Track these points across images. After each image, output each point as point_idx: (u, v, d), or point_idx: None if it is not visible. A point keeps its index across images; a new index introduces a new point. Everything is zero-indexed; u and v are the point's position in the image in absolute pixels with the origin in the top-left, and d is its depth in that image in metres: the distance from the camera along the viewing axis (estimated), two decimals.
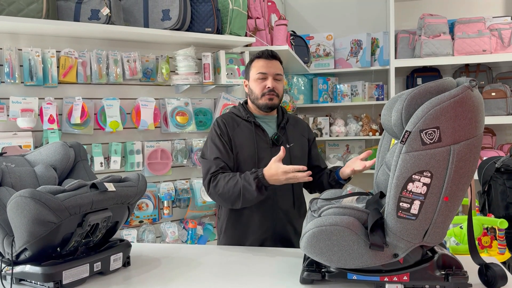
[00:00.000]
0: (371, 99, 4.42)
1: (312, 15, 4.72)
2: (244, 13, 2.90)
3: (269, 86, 1.88)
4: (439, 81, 1.14)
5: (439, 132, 1.07)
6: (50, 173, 1.51)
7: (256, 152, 1.85)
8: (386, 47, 4.22)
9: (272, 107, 1.92)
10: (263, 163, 1.82)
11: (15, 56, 2.25)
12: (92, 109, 2.49)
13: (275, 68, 1.92)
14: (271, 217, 1.87)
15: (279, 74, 1.92)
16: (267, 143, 1.89)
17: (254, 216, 1.86)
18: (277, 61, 1.94)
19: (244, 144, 1.87)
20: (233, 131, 1.89)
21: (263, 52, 1.94)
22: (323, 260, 1.20)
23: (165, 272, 1.45)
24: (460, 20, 3.97)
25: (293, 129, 1.99)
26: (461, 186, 1.11)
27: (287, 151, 1.89)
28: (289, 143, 1.93)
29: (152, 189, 2.68)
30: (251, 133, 1.89)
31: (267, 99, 1.89)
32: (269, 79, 1.89)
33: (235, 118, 1.94)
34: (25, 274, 1.27)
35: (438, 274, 1.19)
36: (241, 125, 1.91)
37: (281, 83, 1.94)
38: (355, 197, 1.41)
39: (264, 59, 1.92)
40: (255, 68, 1.93)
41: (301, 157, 1.96)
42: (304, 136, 2.02)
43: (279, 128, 1.94)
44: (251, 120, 1.91)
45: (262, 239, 1.87)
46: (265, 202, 1.84)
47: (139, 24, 2.58)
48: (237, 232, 1.90)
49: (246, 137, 1.88)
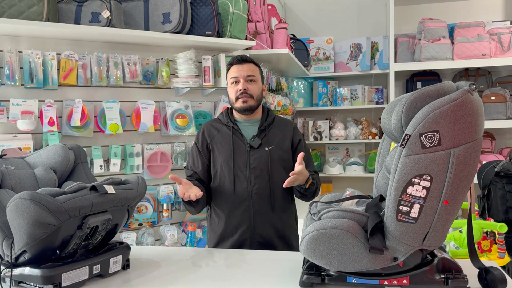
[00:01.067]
0: (371, 102, 4.43)
1: (312, 18, 4.74)
2: (244, 16, 2.91)
3: (240, 88, 1.94)
4: (439, 84, 1.14)
5: (439, 136, 1.07)
6: (50, 175, 1.51)
7: (232, 156, 1.93)
8: (386, 51, 4.23)
9: (248, 109, 1.96)
10: (239, 166, 1.92)
11: (15, 59, 2.25)
12: (92, 112, 2.49)
13: (246, 70, 1.96)
14: (248, 219, 1.91)
15: (251, 75, 1.96)
16: (245, 146, 1.94)
17: (232, 218, 1.93)
18: (249, 63, 1.99)
19: (222, 149, 1.96)
20: (212, 138, 2.00)
21: (234, 58, 2.01)
22: (322, 264, 1.20)
23: (164, 275, 1.45)
24: (459, 24, 3.98)
25: (277, 131, 2.00)
26: (461, 190, 1.11)
27: (266, 154, 1.93)
28: (269, 145, 1.95)
29: (152, 192, 2.67)
30: (229, 137, 1.97)
31: (241, 101, 1.95)
32: (240, 82, 1.95)
33: (216, 125, 2.03)
34: (24, 277, 1.26)
35: (437, 278, 1.19)
36: (221, 131, 2.00)
37: (255, 84, 1.97)
38: (355, 201, 1.41)
39: (235, 64, 1.99)
40: (229, 74, 2.01)
41: (282, 159, 1.97)
42: (287, 138, 2.01)
43: (259, 131, 1.97)
44: (230, 125, 1.98)
45: (240, 241, 1.92)
46: (241, 204, 1.92)
47: (139, 27, 2.58)
48: (216, 234, 1.97)
49: (225, 142, 1.97)
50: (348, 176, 4.42)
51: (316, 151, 4.63)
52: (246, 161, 1.92)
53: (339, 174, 4.37)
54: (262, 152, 1.94)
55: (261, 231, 1.92)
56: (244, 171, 1.92)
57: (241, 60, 1.98)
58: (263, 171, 1.92)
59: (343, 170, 4.43)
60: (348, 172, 4.40)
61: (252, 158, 1.93)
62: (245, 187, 1.91)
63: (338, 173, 4.35)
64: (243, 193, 1.91)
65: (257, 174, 1.91)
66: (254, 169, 1.92)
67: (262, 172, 1.92)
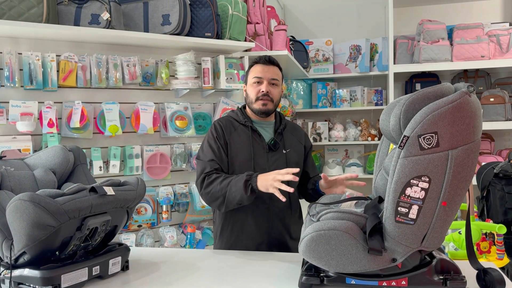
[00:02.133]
0: (370, 104, 4.43)
1: (311, 20, 4.74)
2: (243, 18, 2.92)
3: (263, 90, 1.89)
4: (437, 86, 1.15)
5: (437, 137, 1.08)
6: (50, 176, 1.51)
7: (252, 157, 1.86)
8: (385, 53, 4.24)
9: (266, 112, 1.92)
10: (259, 168, 1.84)
11: (15, 60, 2.26)
12: (92, 113, 2.50)
13: (271, 73, 1.92)
14: (267, 221, 1.87)
15: (275, 79, 1.92)
16: (264, 148, 1.89)
17: (249, 220, 1.86)
18: (274, 66, 1.95)
19: (241, 149, 1.88)
20: (229, 135, 1.90)
21: (260, 57, 1.95)
22: (321, 265, 1.20)
23: (163, 276, 1.45)
24: (458, 26, 3.99)
25: (291, 135, 1.99)
26: (459, 191, 1.11)
27: (283, 157, 1.90)
28: (285, 148, 1.93)
29: (151, 193, 2.68)
30: (248, 137, 1.89)
31: (261, 104, 1.89)
32: (264, 83, 1.90)
33: (232, 122, 1.95)
34: (24, 278, 1.26)
35: (436, 279, 1.19)
36: (238, 129, 1.92)
37: (277, 88, 1.94)
38: (354, 202, 1.41)
39: (261, 64, 1.93)
40: (252, 72, 1.94)
41: (297, 163, 1.96)
42: (301, 143, 2.02)
43: (276, 133, 1.95)
44: (248, 125, 1.91)
45: (258, 243, 1.87)
46: (260, 206, 1.85)
47: (139, 28, 2.59)
48: (232, 236, 1.90)
49: (242, 142, 1.89)
50: None
51: (315, 153, 4.63)
52: (266, 163, 1.87)
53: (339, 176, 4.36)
54: (280, 154, 1.91)
55: (277, 234, 1.88)
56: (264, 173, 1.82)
57: (268, 61, 1.93)
58: None
59: (342, 171, 4.43)
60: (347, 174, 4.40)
61: (272, 160, 1.88)
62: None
63: (338, 174, 4.35)
64: (262, 195, 1.78)
65: None
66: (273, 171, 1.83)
67: None
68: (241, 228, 1.88)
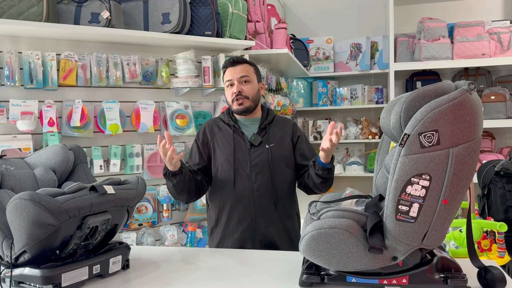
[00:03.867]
0: (371, 102, 4.43)
1: (311, 18, 4.74)
2: (244, 16, 2.91)
3: (234, 91, 1.95)
4: (438, 84, 1.15)
5: (438, 135, 1.07)
6: (50, 175, 1.51)
7: (233, 154, 1.94)
8: (385, 51, 4.24)
9: (245, 111, 1.97)
10: (240, 164, 1.93)
11: (15, 59, 2.26)
12: (92, 112, 2.49)
13: (239, 72, 1.96)
14: (249, 216, 1.91)
15: (245, 76, 1.96)
16: (246, 144, 1.95)
17: (234, 216, 1.93)
18: (242, 64, 1.99)
19: (223, 147, 1.97)
20: (213, 135, 2.01)
21: (226, 61, 2.01)
22: (322, 263, 1.20)
23: (164, 275, 1.45)
24: (459, 24, 3.98)
25: (277, 130, 2.01)
26: (460, 189, 1.11)
27: (267, 151, 1.94)
28: (269, 143, 1.96)
29: (152, 192, 2.67)
30: (230, 136, 1.98)
31: (237, 104, 1.95)
32: (235, 84, 1.96)
33: (218, 123, 2.04)
34: (24, 277, 1.26)
35: (437, 277, 1.19)
36: (222, 129, 2.01)
37: (249, 84, 1.97)
38: (354, 200, 1.41)
39: (229, 67, 2.00)
40: (224, 77, 2.02)
41: (283, 157, 1.97)
42: (287, 136, 2.02)
43: (260, 129, 1.99)
44: (231, 124, 1.99)
45: (242, 239, 1.91)
46: (242, 202, 1.91)
47: (139, 27, 2.58)
48: (218, 232, 1.97)
49: (226, 140, 1.98)
50: (348, 176, 4.42)
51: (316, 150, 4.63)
52: (247, 159, 1.93)
53: (339, 174, 4.37)
54: (263, 149, 1.94)
55: (263, 229, 1.91)
56: (245, 169, 1.92)
57: (234, 62, 1.98)
58: (264, 169, 1.92)
59: (343, 170, 4.43)
60: (348, 172, 4.40)
61: (253, 156, 1.93)
62: (246, 184, 1.91)
63: (338, 173, 4.35)
64: (243, 190, 1.91)
65: (258, 171, 1.92)
66: (255, 166, 1.92)
67: (263, 170, 1.92)
68: (226, 224, 1.94)
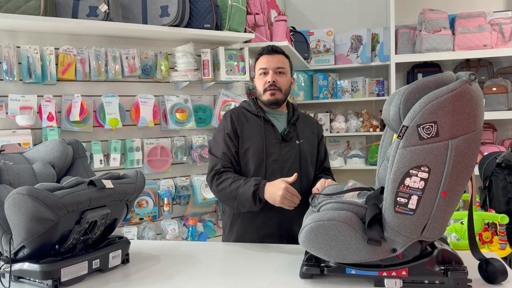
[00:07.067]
0: (372, 95, 4.41)
1: (312, 10, 4.70)
2: (243, 9, 2.89)
3: (268, 80, 1.87)
4: (438, 75, 1.13)
5: (437, 127, 1.06)
6: (49, 170, 1.50)
7: (264, 147, 1.84)
8: (386, 43, 4.21)
9: (275, 103, 1.89)
10: (271, 158, 1.84)
11: (13, 54, 2.25)
12: (91, 107, 2.49)
13: (276, 62, 1.89)
14: (277, 213, 1.82)
15: (281, 67, 1.90)
16: (277, 138, 1.87)
17: (260, 212, 1.82)
18: (279, 54, 1.92)
19: (253, 139, 1.85)
20: (241, 126, 1.88)
21: (264, 48, 1.94)
22: (321, 255, 1.20)
23: (164, 269, 1.45)
24: (460, 15, 3.95)
25: (303, 126, 1.97)
26: (460, 181, 1.10)
27: (297, 147, 1.88)
28: (299, 139, 1.91)
29: (152, 186, 2.67)
30: (260, 128, 1.87)
31: (269, 94, 1.87)
32: (269, 73, 1.88)
33: (245, 113, 1.93)
34: (24, 272, 1.27)
35: (437, 270, 1.19)
36: (250, 120, 1.90)
37: (284, 77, 1.91)
38: (356, 193, 1.40)
39: (265, 54, 1.92)
40: (258, 64, 1.93)
41: (310, 153, 1.94)
42: (313, 133, 2.00)
43: (289, 124, 1.93)
44: (261, 115, 1.89)
45: (268, 234, 1.85)
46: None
47: (137, 20, 2.57)
48: (242, 227, 1.88)
49: (255, 132, 1.87)
50: (349, 169, 4.41)
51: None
52: (279, 154, 1.85)
53: (340, 167, 4.36)
54: (293, 145, 1.88)
55: (288, 225, 1.86)
56: (276, 164, 1.84)
57: (272, 50, 1.91)
58: (294, 165, 1.86)
59: (344, 163, 4.42)
60: (349, 165, 4.40)
61: (285, 151, 1.86)
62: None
63: (339, 166, 4.35)
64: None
65: (289, 167, 1.85)
66: (286, 162, 1.85)
67: (293, 166, 1.86)
68: (251, 219, 1.86)
